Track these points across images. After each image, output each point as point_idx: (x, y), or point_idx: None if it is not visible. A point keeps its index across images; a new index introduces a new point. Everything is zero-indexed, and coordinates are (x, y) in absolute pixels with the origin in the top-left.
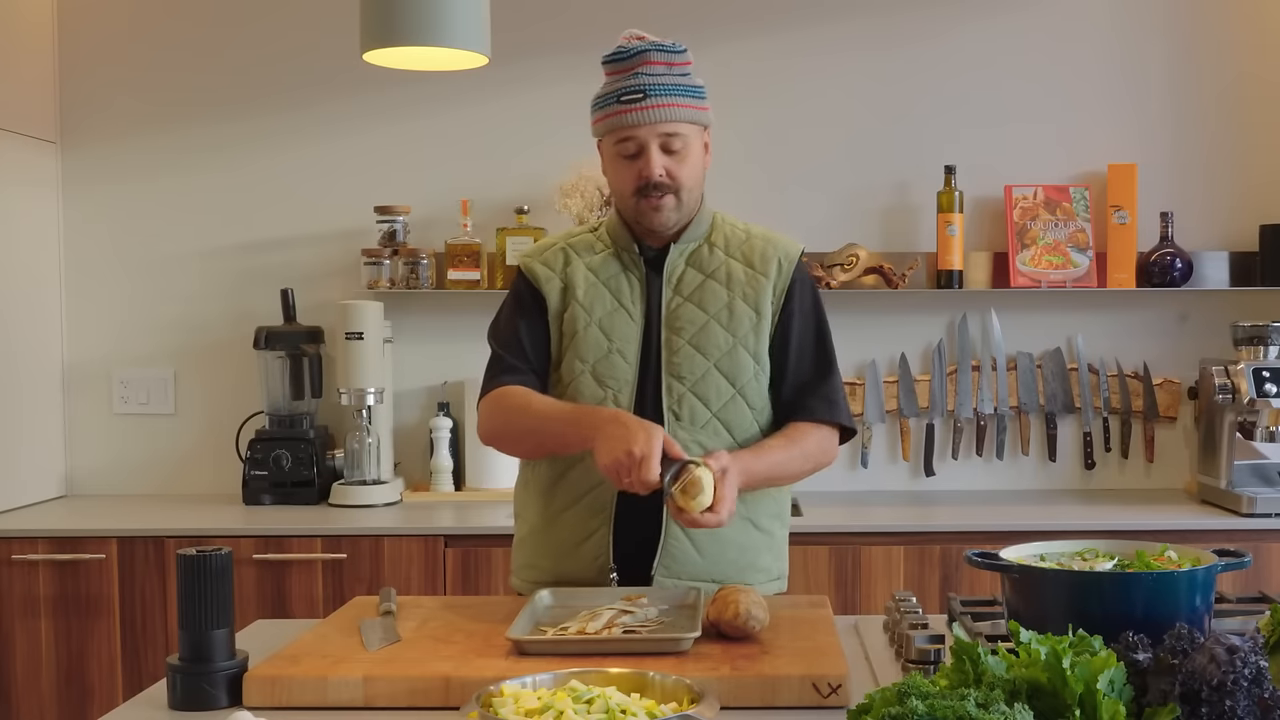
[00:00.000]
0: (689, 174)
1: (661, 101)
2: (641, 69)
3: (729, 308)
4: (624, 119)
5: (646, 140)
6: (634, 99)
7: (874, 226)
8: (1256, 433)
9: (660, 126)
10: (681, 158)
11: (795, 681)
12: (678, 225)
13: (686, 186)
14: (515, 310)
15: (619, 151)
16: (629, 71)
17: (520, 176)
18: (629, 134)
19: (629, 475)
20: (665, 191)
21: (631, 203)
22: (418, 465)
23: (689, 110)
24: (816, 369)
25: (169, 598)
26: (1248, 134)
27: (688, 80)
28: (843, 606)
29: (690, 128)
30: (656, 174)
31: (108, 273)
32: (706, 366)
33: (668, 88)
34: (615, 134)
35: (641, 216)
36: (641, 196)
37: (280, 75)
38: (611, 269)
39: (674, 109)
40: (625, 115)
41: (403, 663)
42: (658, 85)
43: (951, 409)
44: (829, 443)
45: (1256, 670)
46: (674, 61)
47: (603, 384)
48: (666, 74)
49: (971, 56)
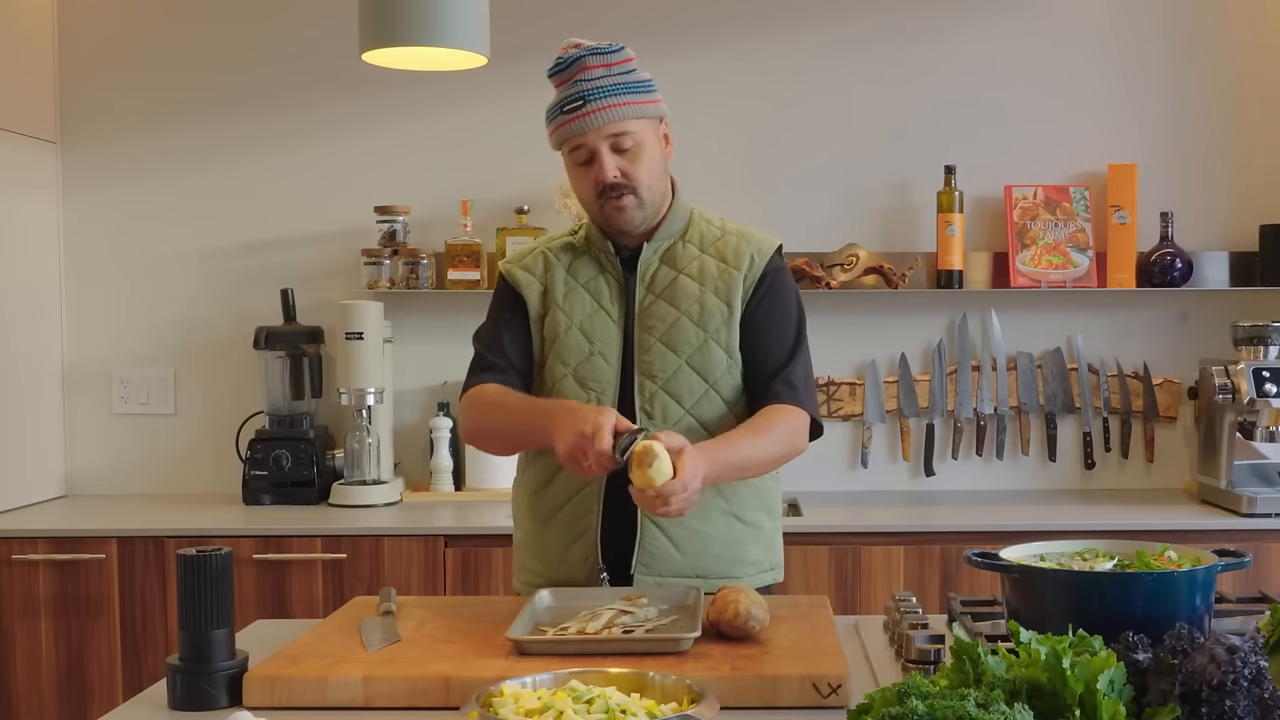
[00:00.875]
0: (645, 170)
1: (603, 104)
2: (580, 76)
3: (700, 302)
4: (570, 128)
5: (595, 145)
6: (575, 107)
7: (874, 226)
8: (1256, 433)
9: (605, 129)
10: (634, 155)
11: (795, 681)
12: (645, 223)
13: (645, 183)
14: (498, 313)
15: (574, 160)
16: (569, 80)
17: (520, 176)
18: (578, 141)
19: (585, 457)
20: (623, 191)
21: (596, 207)
22: (418, 465)
23: (633, 107)
24: (787, 358)
25: (169, 598)
26: (1247, 134)
27: (630, 77)
28: (843, 606)
29: (638, 124)
30: (610, 176)
31: (108, 273)
32: (678, 364)
33: (607, 89)
34: (567, 143)
35: (608, 219)
36: (603, 200)
37: (280, 76)
38: (590, 271)
39: (616, 109)
40: (571, 124)
41: (403, 663)
42: (597, 89)
43: (951, 409)
44: (799, 427)
45: (1256, 670)
46: (611, 62)
47: (585, 387)
48: (605, 75)
49: (972, 57)
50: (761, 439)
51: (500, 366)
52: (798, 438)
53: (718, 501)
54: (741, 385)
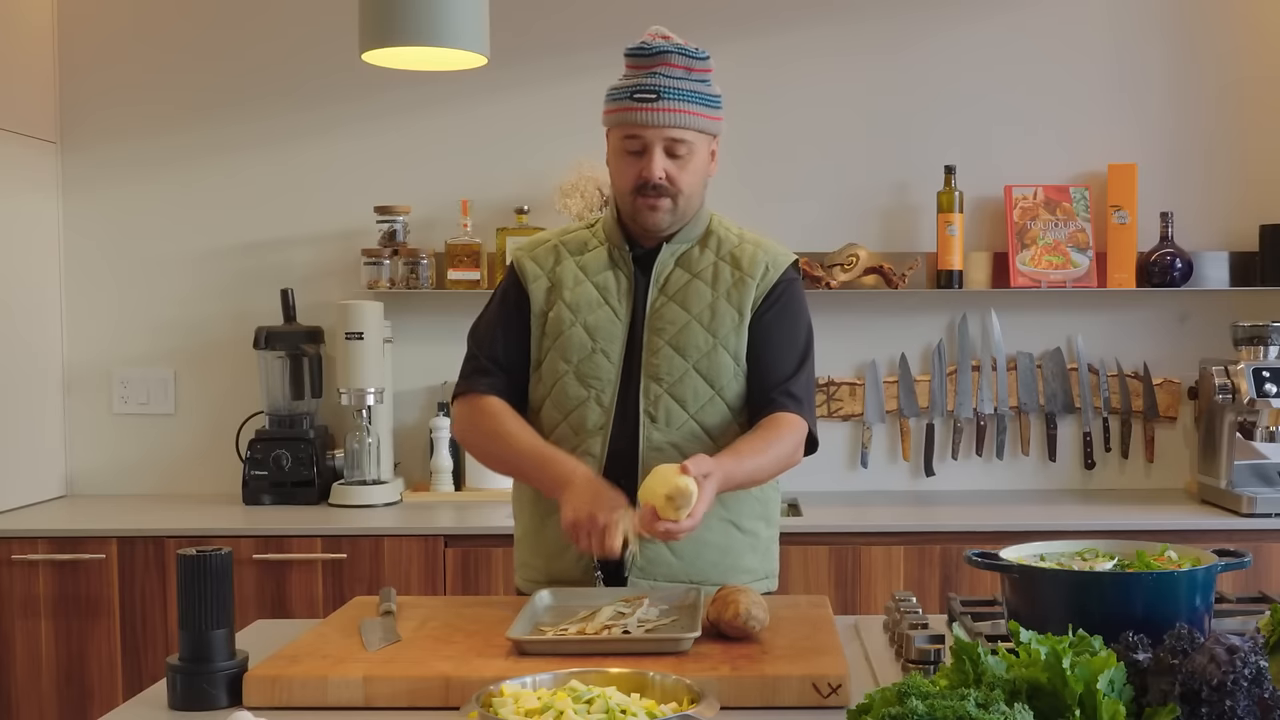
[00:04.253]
0: (689, 180)
1: (674, 105)
2: (660, 69)
3: (711, 308)
4: (634, 116)
5: (652, 141)
6: (647, 99)
7: (874, 226)
8: (1256, 433)
9: (668, 130)
10: (684, 163)
11: (795, 681)
12: (672, 228)
13: (686, 193)
14: (499, 308)
15: (624, 147)
16: (647, 69)
17: (520, 176)
18: (636, 132)
19: (588, 539)
20: (663, 194)
21: (629, 199)
22: (418, 465)
23: (699, 118)
24: (793, 369)
25: (169, 598)
26: (1247, 134)
27: (705, 88)
28: (843, 606)
29: (698, 135)
30: (657, 176)
31: (108, 273)
32: (685, 368)
33: (683, 92)
34: (623, 129)
35: (637, 214)
36: (639, 195)
37: (280, 75)
38: (601, 266)
39: (684, 115)
40: (636, 114)
41: (403, 663)
42: (673, 89)
43: (951, 409)
44: (800, 440)
45: (1256, 670)
46: (694, 67)
47: (586, 384)
48: (684, 78)
49: (972, 57)
50: (770, 453)
51: (491, 370)
52: (797, 451)
53: (717, 509)
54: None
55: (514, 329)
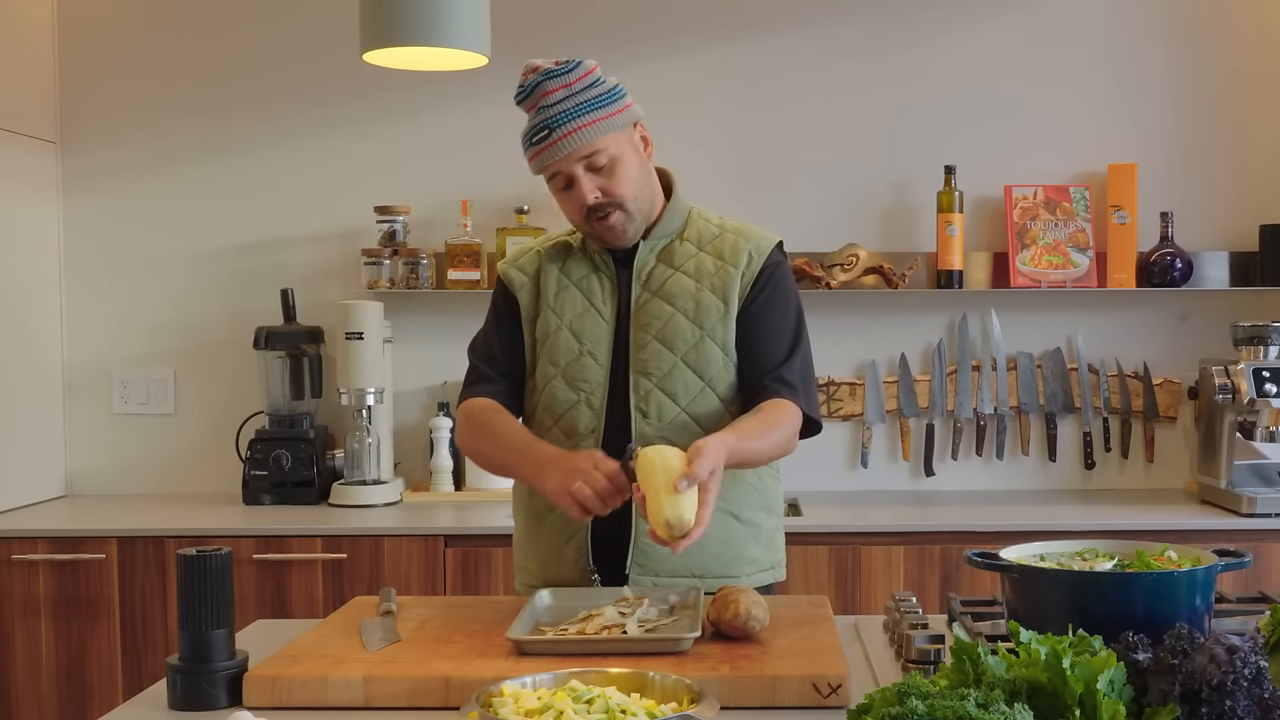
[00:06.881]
0: (626, 183)
1: (568, 129)
2: (540, 102)
3: (695, 299)
4: (543, 159)
5: (570, 170)
6: (542, 137)
7: (874, 226)
8: (1256, 433)
9: (576, 153)
10: (610, 171)
11: (795, 681)
12: (638, 232)
13: (629, 196)
14: (493, 318)
15: (554, 186)
16: (533, 109)
17: (520, 176)
18: (553, 170)
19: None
20: (609, 209)
21: (585, 227)
22: (418, 465)
23: (599, 124)
24: (785, 355)
25: (169, 598)
26: (1247, 134)
27: (592, 92)
28: (843, 606)
29: (609, 138)
30: (591, 199)
31: (108, 273)
32: (673, 361)
33: (569, 111)
34: (544, 172)
35: (600, 238)
36: (589, 221)
37: (281, 76)
38: (583, 270)
39: (582, 131)
40: (542, 155)
41: (403, 663)
42: (559, 114)
43: (951, 409)
44: (795, 429)
45: (1256, 670)
46: (570, 81)
47: (574, 387)
48: (566, 97)
49: (971, 56)
50: (770, 436)
51: (491, 377)
52: (793, 439)
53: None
54: (737, 383)
55: (510, 336)
